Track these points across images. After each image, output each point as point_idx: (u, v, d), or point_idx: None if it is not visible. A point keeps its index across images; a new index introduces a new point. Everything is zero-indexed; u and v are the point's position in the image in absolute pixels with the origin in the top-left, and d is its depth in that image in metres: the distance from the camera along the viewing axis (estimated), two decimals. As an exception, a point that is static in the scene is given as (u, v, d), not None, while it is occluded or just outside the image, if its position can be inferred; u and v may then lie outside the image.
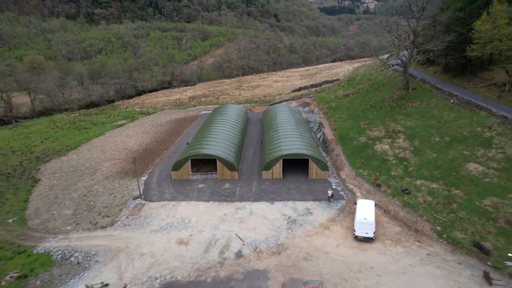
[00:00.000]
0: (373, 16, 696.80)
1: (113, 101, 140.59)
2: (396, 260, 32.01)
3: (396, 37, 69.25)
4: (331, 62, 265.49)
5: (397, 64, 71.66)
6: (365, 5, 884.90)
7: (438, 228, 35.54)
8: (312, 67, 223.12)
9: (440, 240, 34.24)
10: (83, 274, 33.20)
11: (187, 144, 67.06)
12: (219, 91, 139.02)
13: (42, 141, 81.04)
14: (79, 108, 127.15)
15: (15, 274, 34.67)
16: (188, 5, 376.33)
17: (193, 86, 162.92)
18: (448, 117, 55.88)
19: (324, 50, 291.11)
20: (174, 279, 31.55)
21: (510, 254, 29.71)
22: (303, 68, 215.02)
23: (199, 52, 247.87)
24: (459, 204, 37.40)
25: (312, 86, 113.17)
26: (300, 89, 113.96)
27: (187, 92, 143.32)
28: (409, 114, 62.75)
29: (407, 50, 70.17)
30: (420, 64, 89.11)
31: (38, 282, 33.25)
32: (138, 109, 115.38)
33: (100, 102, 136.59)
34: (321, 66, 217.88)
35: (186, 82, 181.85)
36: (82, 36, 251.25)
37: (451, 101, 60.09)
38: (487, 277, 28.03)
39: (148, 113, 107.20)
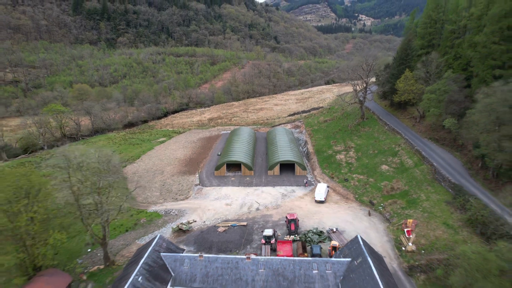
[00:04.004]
0: (368, 35, 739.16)
1: (146, 121, 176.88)
2: (333, 210, 67.07)
3: (354, 85, 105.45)
4: (325, 84, 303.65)
5: (355, 102, 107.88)
6: (362, 22, 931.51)
7: (356, 196, 70.89)
8: (307, 89, 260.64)
9: (356, 201, 69.48)
10: (182, 217, 68.18)
11: (218, 155, 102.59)
12: (230, 113, 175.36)
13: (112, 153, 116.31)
14: (123, 127, 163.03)
15: (145, 220, 69.64)
16: (196, 29, 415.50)
17: (208, 108, 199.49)
18: (381, 138, 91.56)
19: (318, 73, 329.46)
20: (227, 218, 66.45)
21: (383, 205, 64.77)
22: (299, 91, 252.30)
23: (209, 76, 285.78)
24: (369, 185, 72.81)
25: (303, 112, 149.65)
26: (294, 114, 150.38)
27: (205, 114, 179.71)
28: (361, 136, 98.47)
29: (362, 93, 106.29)
30: (378, 98, 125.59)
31: (160, 221, 68.19)
32: (171, 129, 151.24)
33: (137, 122, 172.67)
34: (314, 89, 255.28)
35: (201, 104, 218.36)
36: (107, 61, 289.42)
37: (386, 128, 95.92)
38: (369, 213, 63.15)
39: (180, 132, 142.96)
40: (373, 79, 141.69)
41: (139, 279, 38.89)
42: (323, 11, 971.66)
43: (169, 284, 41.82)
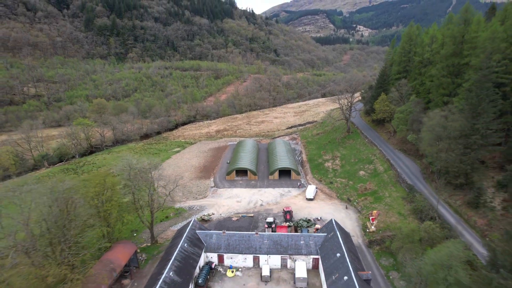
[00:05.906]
0: (366, 46, 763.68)
1: (159, 133, 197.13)
2: (319, 205, 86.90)
3: (340, 105, 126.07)
4: (321, 96, 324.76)
5: (342, 119, 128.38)
6: (360, 33, 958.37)
7: (338, 195, 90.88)
8: (304, 102, 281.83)
9: (338, 199, 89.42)
10: (203, 211, 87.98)
11: (227, 163, 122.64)
12: (235, 126, 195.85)
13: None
14: (140, 138, 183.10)
15: (174, 213, 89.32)
16: (200, 44, 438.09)
17: (214, 121, 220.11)
18: (362, 149, 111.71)
19: (315, 86, 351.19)
20: (238, 212, 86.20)
21: (357, 201, 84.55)
22: (297, 104, 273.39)
23: (213, 89, 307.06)
24: (349, 186, 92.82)
25: (300, 125, 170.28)
26: (291, 127, 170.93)
27: (212, 127, 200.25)
28: (346, 147, 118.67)
29: (348, 111, 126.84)
30: (364, 114, 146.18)
31: (186, 214, 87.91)
32: (183, 140, 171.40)
33: (151, 133, 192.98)
34: (311, 102, 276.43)
35: (207, 116, 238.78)
36: (118, 76, 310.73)
37: (366, 140, 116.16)
38: (346, 207, 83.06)
39: (191, 143, 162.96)
40: (359, 97, 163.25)
41: (185, 245, 58.72)
42: (322, 22, 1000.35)
43: (203, 251, 61.63)
